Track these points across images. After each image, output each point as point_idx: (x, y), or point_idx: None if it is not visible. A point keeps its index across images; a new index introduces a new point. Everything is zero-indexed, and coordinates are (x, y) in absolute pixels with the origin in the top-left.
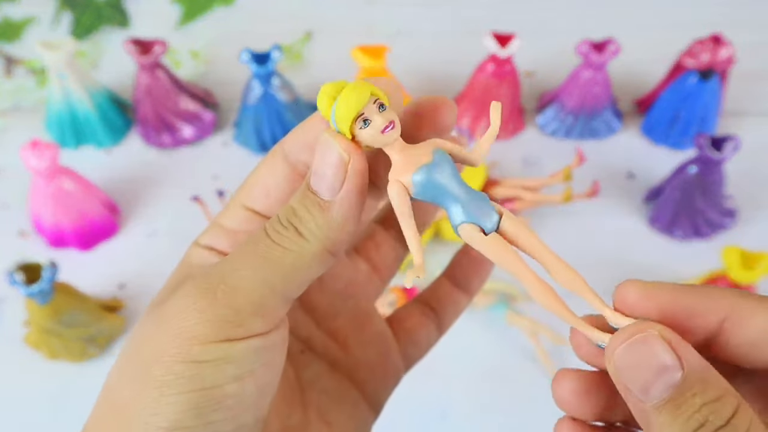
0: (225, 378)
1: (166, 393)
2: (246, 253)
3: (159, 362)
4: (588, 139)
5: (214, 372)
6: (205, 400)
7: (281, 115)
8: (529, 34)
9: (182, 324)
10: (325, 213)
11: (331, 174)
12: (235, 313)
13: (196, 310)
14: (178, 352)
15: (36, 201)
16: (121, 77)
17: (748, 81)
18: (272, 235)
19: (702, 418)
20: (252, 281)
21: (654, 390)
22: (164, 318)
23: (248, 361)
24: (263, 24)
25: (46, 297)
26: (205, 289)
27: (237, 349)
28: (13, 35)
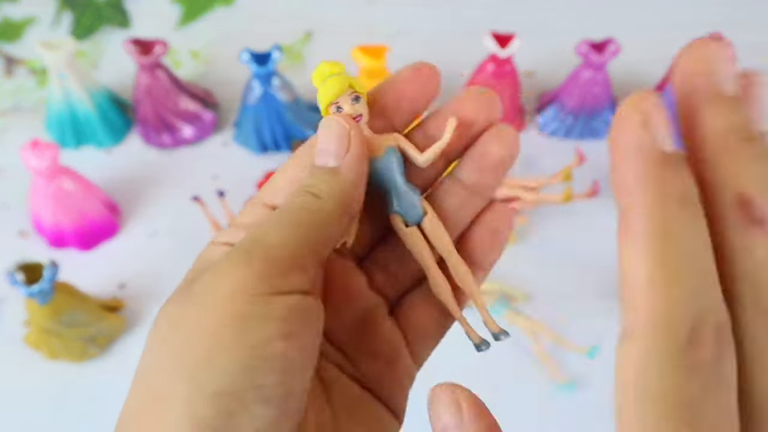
0: (270, 335)
1: (214, 353)
2: (271, 221)
3: (204, 324)
4: (588, 139)
5: (260, 327)
6: (254, 360)
7: (281, 115)
8: (529, 34)
9: (223, 284)
10: (336, 176)
11: (335, 144)
12: (274, 266)
13: (235, 268)
14: (224, 309)
15: (36, 201)
16: (121, 77)
17: None
18: (292, 203)
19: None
20: (284, 238)
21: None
22: (200, 288)
23: (292, 319)
24: (263, 24)
25: (47, 297)
26: (240, 251)
27: (280, 303)
28: (14, 35)
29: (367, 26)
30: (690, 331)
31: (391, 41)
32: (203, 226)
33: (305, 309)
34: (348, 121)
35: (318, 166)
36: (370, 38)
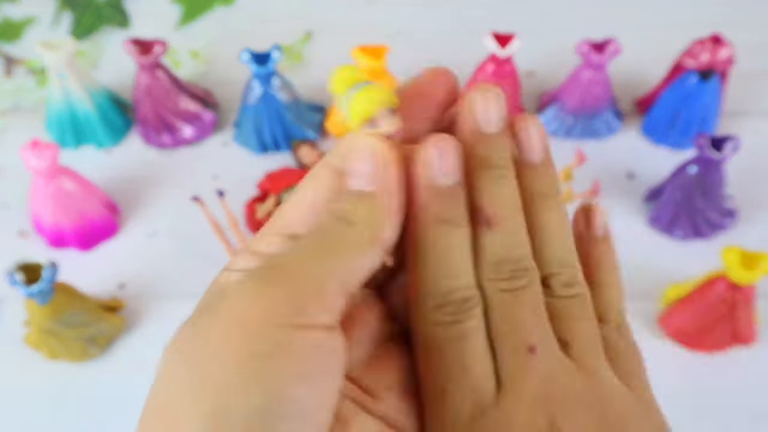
0: (287, 376)
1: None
2: (295, 247)
3: (217, 361)
4: (588, 139)
5: (277, 368)
6: (270, 403)
7: (281, 116)
8: (529, 34)
9: (240, 315)
10: (371, 201)
11: (371, 166)
12: (297, 298)
13: (255, 298)
14: (240, 345)
15: (36, 201)
16: (121, 77)
17: (748, 81)
18: (322, 230)
19: None
20: (310, 267)
21: None
22: (217, 320)
23: (312, 359)
24: (263, 24)
25: (46, 297)
26: (261, 279)
27: (301, 340)
28: (14, 35)
29: (367, 26)
30: (436, 302)
31: (391, 41)
32: (203, 227)
33: (327, 348)
34: (384, 139)
35: (351, 191)
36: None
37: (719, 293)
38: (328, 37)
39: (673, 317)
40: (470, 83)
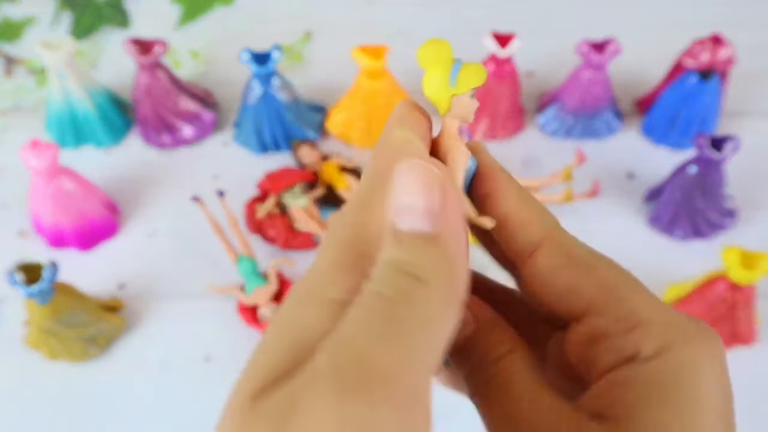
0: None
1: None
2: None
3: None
4: (588, 139)
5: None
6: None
7: (281, 115)
8: (529, 34)
9: (335, 426)
10: (437, 246)
11: (425, 199)
12: (403, 411)
13: (354, 405)
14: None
15: (36, 201)
16: (121, 77)
17: (748, 81)
18: (386, 293)
19: None
20: (398, 358)
21: None
22: (295, 416)
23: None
24: (263, 24)
25: (46, 297)
26: (349, 376)
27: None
28: (13, 35)
29: (367, 26)
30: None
31: (391, 41)
32: (203, 226)
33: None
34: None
35: (407, 233)
36: (370, 38)
37: (719, 293)
38: (328, 37)
39: None
40: None
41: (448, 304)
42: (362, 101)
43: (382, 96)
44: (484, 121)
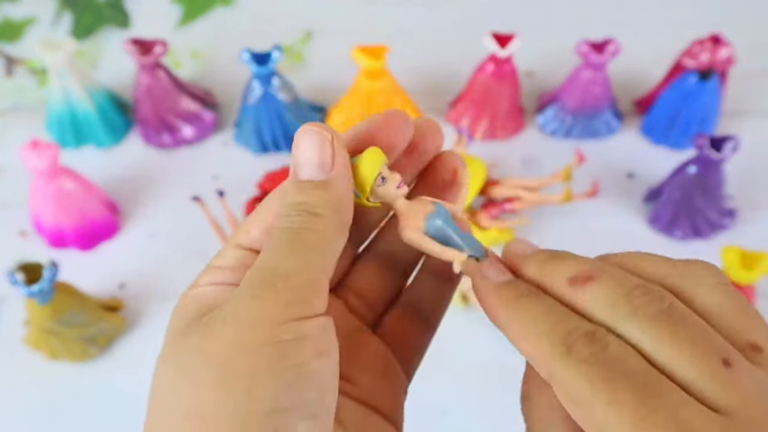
0: (307, 355)
1: (259, 376)
2: (278, 249)
3: (240, 351)
4: (588, 139)
5: (296, 350)
6: (297, 378)
7: (281, 116)
8: (529, 34)
9: (252, 313)
10: (329, 189)
11: (318, 155)
12: (298, 295)
13: (262, 299)
14: (260, 337)
15: (36, 201)
16: (121, 77)
17: (747, 81)
18: (292, 225)
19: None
20: (299, 265)
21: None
22: (221, 321)
23: (321, 338)
24: (263, 24)
25: (47, 297)
26: (261, 283)
27: (310, 326)
28: (14, 35)
29: (367, 26)
30: (563, 341)
31: (391, 41)
32: (203, 226)
33: (329, 329)
34: (327, 129)
35: (305, 181)
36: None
37: None
38: (328, 37)
39: None
40: (470, 83)
41: (337, 229)
42: (362, 101)
43: (382, 96)
44: (484, 121)
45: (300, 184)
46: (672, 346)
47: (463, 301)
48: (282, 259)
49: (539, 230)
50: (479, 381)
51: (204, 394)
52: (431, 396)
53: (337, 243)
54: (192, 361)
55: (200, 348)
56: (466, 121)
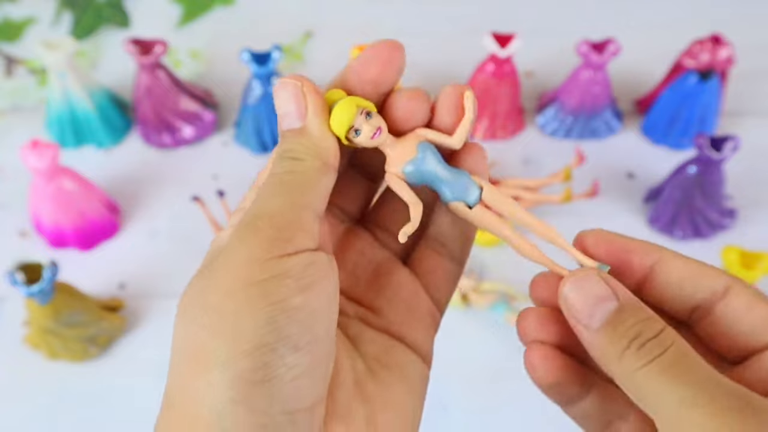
0: (289, 291)
1: (241, 317)
2: (264, 192)
3: (226, 295)
4: (588, 139)
5: (278, 286)
6: (278, 314)
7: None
8: (529, 34)
9: (238, 256)
10: (306, 134)
11: (294, 105)
12: (280, 232)
13: (245, 241)
14: (243, 277)
15: (36, 201)
16: (121, 77)
17: (747, 81)
18: (277, 170)
19: (635, 332)
20: (283, 205)
21: (595, 317)
22: (218, 264)
23: (305, 273)
24: (263, 24)
25: (47, 297)
26: (246, 225)
27: (292, 262)
28: (14, 35)
29: (367, 26)
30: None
31: None
32: (203, 226)
33: (316, 263)
34: (298, 79)
35: (286, 130)
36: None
37: None
38: (328, 37)
39: None
40: (470, 83)
41: (319, 170)
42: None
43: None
44: (484, 121)
45: (282, 133)
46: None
47: (463, 301)
48: (265, 201)
49: None
50: (479, 382)
51: (201, 337)
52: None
53: (320, 183)
54: (195, 308)
55: (201, 295)
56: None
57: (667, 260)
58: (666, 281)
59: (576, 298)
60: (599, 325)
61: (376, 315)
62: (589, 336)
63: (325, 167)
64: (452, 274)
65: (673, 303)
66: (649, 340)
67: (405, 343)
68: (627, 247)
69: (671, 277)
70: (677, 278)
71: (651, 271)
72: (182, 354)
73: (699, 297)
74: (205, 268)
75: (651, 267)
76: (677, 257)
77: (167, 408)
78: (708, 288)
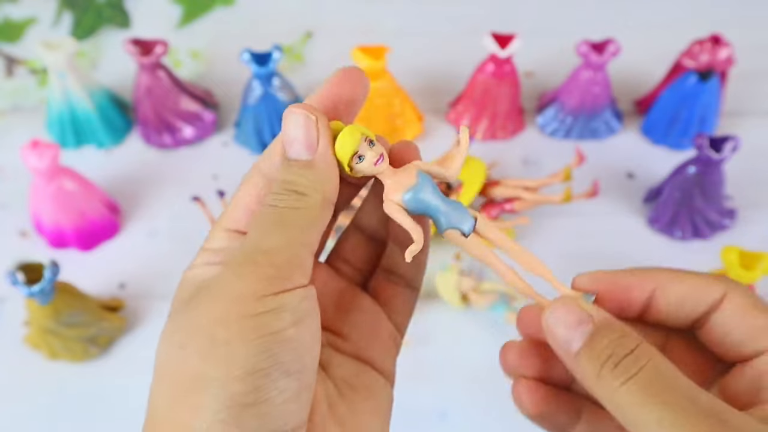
0: (285, 324)
1: (234, 344)
2: (263, 227)
3: (219, 324)
4: (588, 140)
5: (274, 320)
6: (273, 343)
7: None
8: (529, 34)
9: (234, 290)
10: (314, 169)
11: (304, 135)
12: (278, 270)
13: (243, 276)
14: (239, 311)
15: (36, 201)
16: (121, 77)
17: (747, 81)
18: (279, 204)
19: (609, 351)
20: (281, 242)
21: (574, 341)
22: (207, 298)
23: (300, 308)
24: (263, 24)
25: (47, 297)
26: (244, 260)
27: (288, 298)
28: (14, 36)
29: (367, 26)
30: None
31: (391, 41)
32: (204, 226)
33: (308, 297)
34: (313, 111)
35: (292, 160)
36: (370, 38)
37: None
38: (328, 37)
39: None
40: (470, 83)
41: (320, 207)
42: None
43: (382, 96)
44: (484, 122)
45: (288, 162)
46: None
47: (463, 301)
48: (265, 236)
49: (539, 230)
50: (478, 381)
51: (192, 362)
52: (430, 398)
53: (320, 220)
54: (183, 335)
55: (190, 323)
56: (466, 122)
57: (664, 285)
58: (666, 303)
59: (556, 324)
60: (578, 347)
61: (343, 340)
62: (570, 360)
63: (327, 203)
64: (409, 298)
65: (676, 320)
66: (624, 357)
67: (371, 365)
68: (623, 283)
69: (671, 299)
70: (676, 299)
71: (651, 297)
72: (168, 376)
73: (700, 310)
74: (190, 302)
75: (650, 295)
76: (673, 279)
77: (151, 428)
78: (706, 301)
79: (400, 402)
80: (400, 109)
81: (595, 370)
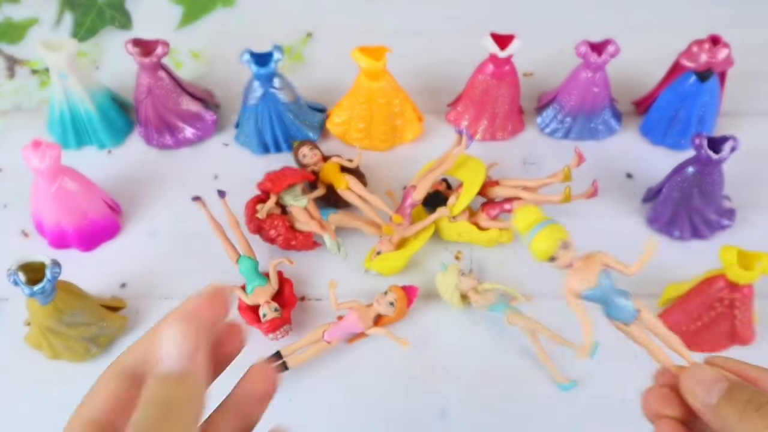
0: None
1: None
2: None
3: None
4: (587, 140)
5: None
6: None
7: (282, 116)
8: (529, 34)
9: None
10: (187, 382)
11: (180, 347)
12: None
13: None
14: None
15: (37, 201)
16: (122, 78)
17: (746, 81)
18: (147, 422)
19: (748, 398)
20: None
21: (713, 393)
22: None
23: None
24: (264, 24)
25: (48, 297)
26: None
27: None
28: (16, 36)
29: (367, 26)
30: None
31: (391, 41)
32: (204, 226)
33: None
34: (189, 319)
35: (165, 375)
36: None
37: (717, 292)
38: (328, 37)
39: (670, 316)
40: (470, 83)
41: (194, 419)
42: (362, 102)
43: (382, 96)
44: (484, 122)
45: (160, 377)
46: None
47: (463, 301)
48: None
49: None
50: (478, 381)
51: None
52: (430, 398)
53: (192, 428)
54: None
55: None
56: (465, 122)
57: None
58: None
59: (696, 383)
60: (717, 398)
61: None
62: (709, 410)
63: (199, 416)
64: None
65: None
66: (763, 405)
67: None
68: (751, 376)
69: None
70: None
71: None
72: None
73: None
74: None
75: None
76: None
77: None
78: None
79: (401, 401)
80: (400, 109)
81: (737, 414)
